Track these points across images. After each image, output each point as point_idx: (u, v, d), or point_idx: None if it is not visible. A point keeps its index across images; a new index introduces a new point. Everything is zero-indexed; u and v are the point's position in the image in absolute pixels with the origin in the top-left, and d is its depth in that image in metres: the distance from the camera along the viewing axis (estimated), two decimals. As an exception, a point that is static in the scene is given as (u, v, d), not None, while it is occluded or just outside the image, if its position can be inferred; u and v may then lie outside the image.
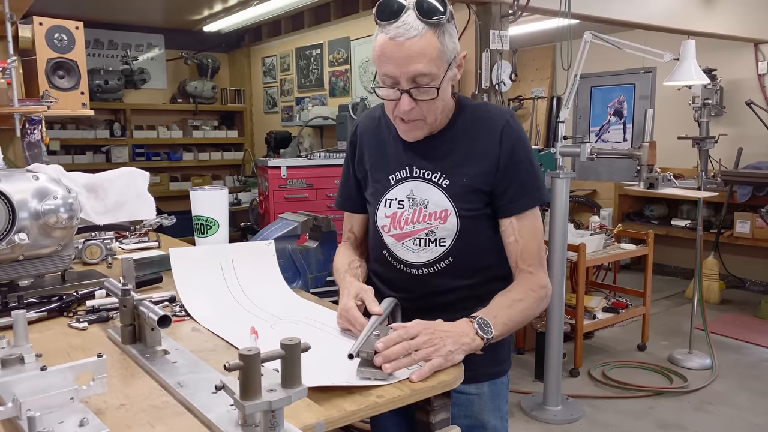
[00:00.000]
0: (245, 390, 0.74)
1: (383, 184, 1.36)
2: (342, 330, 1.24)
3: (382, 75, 1.19)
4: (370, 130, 1.42)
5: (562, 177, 3.02)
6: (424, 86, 1.17)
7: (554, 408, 3.20)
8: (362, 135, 1.43)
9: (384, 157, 1.37)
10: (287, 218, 1.65)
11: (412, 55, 1.13)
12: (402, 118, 1.23)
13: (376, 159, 1.39)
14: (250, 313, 1.36)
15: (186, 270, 1.43)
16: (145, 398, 0.93)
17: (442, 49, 1.16)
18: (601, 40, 2.76)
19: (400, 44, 1.13)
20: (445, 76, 1.18)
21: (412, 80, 1.16)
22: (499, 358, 1.39)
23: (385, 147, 1.37)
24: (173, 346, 1.12)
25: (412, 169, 1.32)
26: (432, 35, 1.14)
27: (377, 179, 1.38)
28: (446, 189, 1.28)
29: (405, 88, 1.17)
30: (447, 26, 1.16)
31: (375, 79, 1.24)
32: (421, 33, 1.13)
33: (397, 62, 1.14)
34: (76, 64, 2.51)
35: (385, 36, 1.15)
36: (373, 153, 1.40)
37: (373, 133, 1.41)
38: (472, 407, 1.36)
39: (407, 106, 1.18)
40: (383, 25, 1.15)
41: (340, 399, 0.92)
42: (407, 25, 1.13)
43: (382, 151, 1.38)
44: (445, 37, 1.16)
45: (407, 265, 1.35)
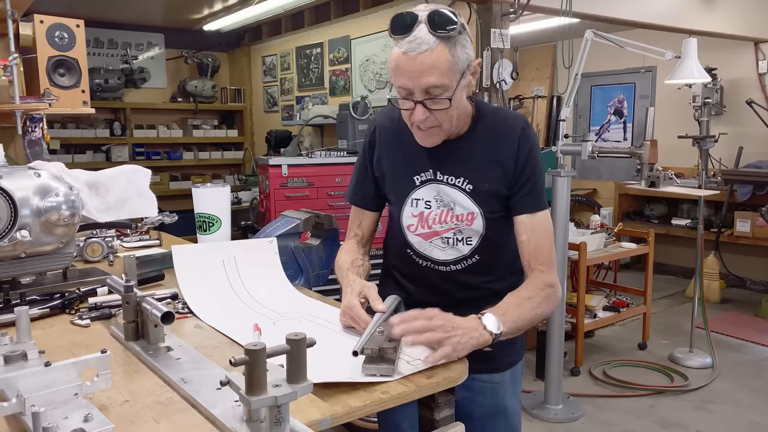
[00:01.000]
0: (251, 385, 0.74)
1: (408, 184, 1.39)
2: (345, 327, 1.24)
3: (397, 86, 1.24)
4: (389, 130, 1.44)
5: (563, 175, 3.02)
6: (437, 97, 1.21)
7: (555, 407, 3.20)
8: (381, 134, 1.45)
9: (406, 158, 1.40)
10: (289, 216, 1.65)
11: (424, 68, 1.18)
12: (418, 125, 1.28)
13: (398, 159, 1.42)
14: (253, 310, 1.36)
15: (188, 267, 1.42)
16: (149, 394, 0.93)
17: (454, 61, 1.19)
18: (603, 39, 2.76)
19: (412, 58, 1.17)
20: (458, 86, 1.22)
21: (426, 92, 1.21)
22: (517, 347, 1.49)
23: (407, 148, 1.39)
24: (176, 343, 1.12)
25: (436, 173, 1.37)
26: (443, 48, 1.18)
27: (401, 179, 1.41)
28: (470, 194, 1.34)
29: (419, 99, 1.22)
30: (459, 38, 1.20)
31: (391, 88, 1.29)
32: (433, 47, 1.17)
33: (410, 75, 1.19)
34: (77, 62, 2.50)
35: (399, 50, 1.19)
36: (396, 153, 1.42)
37: (394, 133, 1.43)
38: (497, 395, 1.45)
39: (421, 116, 1.23)
40: (397, 39, 1.20)
41: (345, 395, 0.92)
42: (419, 40, 1.17)
43: (404, 151, 1.40)
44: (456, 49, 1.20)
45: (434, 262, 1.41)
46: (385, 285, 1.54)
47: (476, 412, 1.44)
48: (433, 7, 1.20)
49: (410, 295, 1.46)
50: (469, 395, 1.42)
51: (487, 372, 1.43)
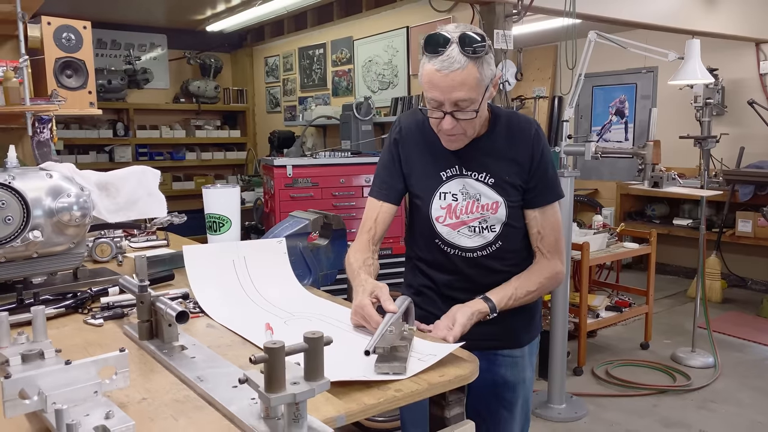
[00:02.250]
0: (270, 383, 0.75)
1: (435, 180, 1.52)
2: (355, 326, 1.25)
3: (429, 99, 1.38)
4: (414, 131, 1.56)
5: (566, 176, 3.03)
6: (465, 109, 1.36)
7: (558, 406, 3.21)
8: (407, 134, 1.57)
9: (432, 156, 1.53)
10: (298, 216, 1.66)
11: (455, 85, 1.32)
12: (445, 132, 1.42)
13: (426, 157, 1.54)
14: (264, 309, 1.37)
15: (199, 267, 1.44)
16: (166, 392, 0.95)
17: (481, 78, 1.34)
18: (606, 40, 2.77)
19: (445, 75, 1.32)
20: (483, 99, 1.37)
21: (455, 104, 1.36)
22: (535, 322, 1.66)
23: (433, 146, 1.52)
24: (190, 342, 1.13)
25: (461, 168, 1.50)
26: (473, 67, 1.32)
27: (429, 175, 1.53)
28: (493, 186, 1.49)
29: (448, 110, 1.37)
30: (486, 57, 1.34)
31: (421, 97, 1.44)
32: (464, 66, 1.31)
33: (442, 90, 1.34)
34: (84, 63, 2.52)
35: (432, 67, 1.33)
36: (423, 151, 1.54)
37: (419, 133, 1.55)
38: (517, 367, 1.61)
39: (449, 126, 1.38)
40: (430, 56, 1.33)
41: (359, 393, 0.94)
42: (451, 59, 1.31)
43: (430, 149, 1.53)
44: (483, 67, 1.34)
45: (461, 249, 1.54)
46: (410, 276, 1.68)
47: (498, 382, 1.60)
48: (463, 28, 1.34)
49: (436, 283, 1.60)
50: (493, 368, 1.59)
51: (509, 348, 1.60)
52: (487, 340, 1.50)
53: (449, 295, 1.56)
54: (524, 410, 1.63)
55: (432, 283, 1.60)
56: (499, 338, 1.56)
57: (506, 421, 1.61)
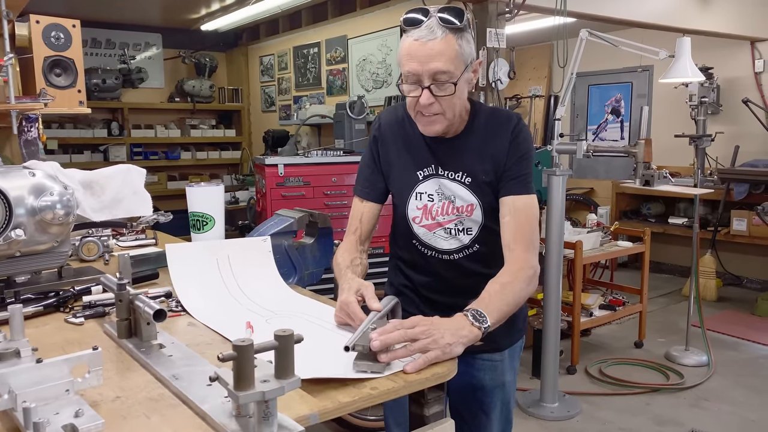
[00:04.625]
0: (239, 380, 0.75)
1: (413, 179, 1.49)
2: (338, 324, 1.25)
3: (406, 72, 1.32)
4: (393, 127, 1.53)
5: (558, 174, 3.03)
6: (443, 83, 1.30)
7: (551, 405, 3.21)
8: (386, 130, 1.54)
9: (410, 154, 1.49)
10: (283, 215, 1.66)
11: (433, 54, 1.28)
12: (422, 112, 1.36)
13: (403, 154, 1.51)
14: (246, 308, 1.37)
15: (182, 265, 1.43)
16: (140, 390, 0.94)
17: (460, 51, 1.30)
18: (597, 38, 2.77)
19: (423, 44, 1.28)
20: (461, 76, 1.32)
21: (432, 77, 1.30)
22: (517, 327, 1.60)
23: (411, 144, 1.49)
24: (169, 340, 1.13)
25: (437, 168, 1.46)
26: (452, 38, 1.29)
27: (406, 174, 1.50)
28: (470, 186, 1.44)
29: (426, 84, 1.31)
30: (465, 33, 1.32)
31: (400, 77, 1.36)
32: (442, 36, 1.28)
33: (420, 60, 1.29)
34: (73, 62, 2.51)
35: (410, 38, 1.30)
36: (400, 148, 1.51)
37: (398, 130, 1.52)
38: (496, 371, 1.57)
39: (427, 101, 1.32)
40: (409, 29, 1.30)
41: (334, 391, 0.93)
42: (430, 28, 1.28)
43: (408, 147, 1.50)
44: (462, 41, 1.31)
45: (438, 251, 1.51)
46: (392, 274, 1.66)
47: (476, 386, 1.57)
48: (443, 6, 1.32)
49: (414, 284, 1.58)
50: (471, 371, 1.55)
51: (488, 352, 1.55)
52: None
53: (427, 296, 1.55)
54: (504, 414, 1.61)
55: (410, 283, 1.59)
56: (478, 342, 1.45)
57: (484, 425, 1.59)
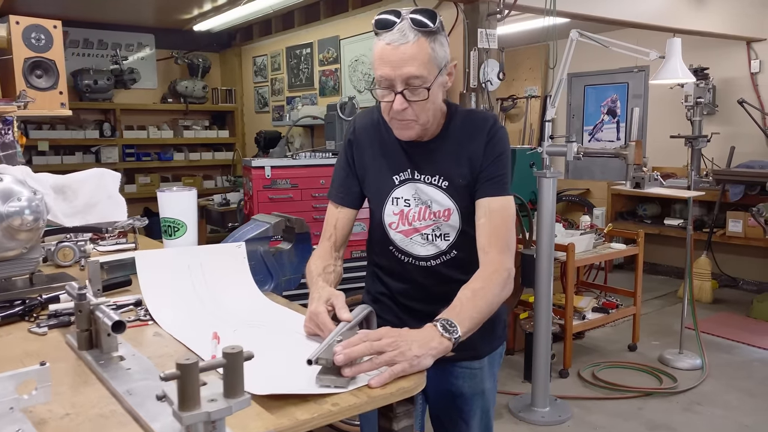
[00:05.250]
0: (183, 400, 0.71)
1: (388, 184, 1.46)
2: (308, 335, 1.21)
3: (378, 77, 1.30)
4: (368, 130, 1.49)
5: (548, 176, 2.99)
6: (416, 87, 1.28)
7: (542, 409, 3.17)
8: (361, 134, 1.50)
9: (386, 158, 1.46)
10: (260, 219, 1.62)
11: (406, 58, 1.25)
12: (396, 117, 1.33)
13: (378, 159, 1.47)
14: (216, 317, 1.33)
15: (152, 273, 1.40)
16: (92, 407, 0.91)
17: (433, 55, 1.27)
18: (587, 39, 2.74)
19: (395, 48, 1.25)
20: (435, 81, 1.29)
21: (406, 82, 1.27)
22: (496, 334, 1.58)
23: (386, 148, 1.45)
24: (130, 353, 1.09)
25: (414, 172, 1.43)
26: (424, 42, 1.26)
27: (382, 178, 1.47)
28: (446, 190, 1.41)
29: (399, 89, 1.28)
30: (438, 36, 1.28)
31: (373, 81, 1.34)
32: (414, 40, 1.25)
33: (392, 65, 1.26)
34: (54, 63, 2.47)
35: (382, 42, 1.27)
36: (376, 153, 1.47)
37: (373, 133, 1.48)
38: (475, 379, 1.55)
39: (400, 106, 1.29)
40: (381, 33, 1.27)
41: (293, 407, 0.90)
42: (402, 32, 1.25)
43: (383, 151, 1.46)
44: (435, 44, 1.27)
45: (415, 258, 1.48)
46: (369, 281, 1.63)
47: (455, 393, 1.55)
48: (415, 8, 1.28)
49: (391, 291, 1.55)
50: (450, 379, 1.54)
51: (467, 359, 1.53)
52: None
53: (405, 303, 1.52)
54: (484, 422, 1.58)
55: (388, 290, 1.55)
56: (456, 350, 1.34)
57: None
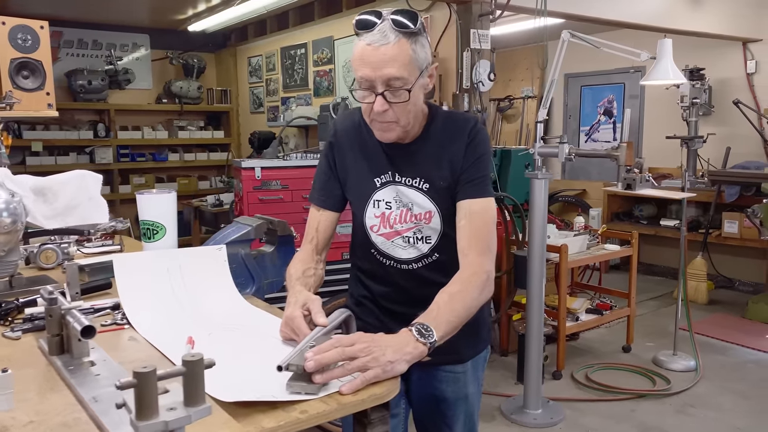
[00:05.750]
0: (140, 409, 0.70)
1: (370, 186, 1.44)
2: (284, 339, 1.20)
3: (359, 78, 1.28)
4: (349, 133, 1.48)
5: (540, 177, 2.98)
6: (397, 89, 1.26)
7: (534, 411, 3.16)
8: (342, 137, 1.49)
9: (367, 160, 1.45)
10: (241, 222, 1.60)
11: (386, 59, 1.24)
12: (377, 119, 1.32)
13: (359, 161, 1.46)
14: (194, 321, 1.31)
15: (130, 276, 1.38)
16: (57, 414, 0.89)
17: (414, 56, 1.26)
18: (578, 40, 2.72)
19: (375, 49, 1.24)
20: (416, 82, 1.28)
21: (386, 83, 1.26)
22: (480, 337, 1.56)
23: (368, 150, 1.44)
24: (101, 358, 1.08)
25: (395, 175, 1.42)
26: (405, 43, 1.24)
27: (363, 181, 1.45)
28: (427, 192, 1.40)
29: (379, 90, 1.27)
30: (419, 37, 1.27)
31: (354, 82, 1.33)
32: (395, 41, 1.23)
33: (372, 66, 1.24)
34: (41, 64, 2.46)
35: (363, 42, 1.26)
36: (357, 155, 1.46)
37: (354, 136, 1.47)
38: (458, 383, 1.54)
39: (381, 108, 1.28)
40: (362, 34, 1.26)
41: (261, 414, 0.88)
42: (383, 32, 1.24)
43: (365, 153, 1.45)
44: (416, 46, 1.26)
45: (397, 261, 1.46)
46: (352, 285, 1.62)
47: (439, 398, 1.54)
48: (396, 9, 1.27)
49: (373, 294, 1.53)
50: (433, 383, 1.53)
51: (450, 363, 1.52)
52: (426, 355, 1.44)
53: (387, 306, 1.51)
54: (468, 426, 1.57)
55: (370, 293, 1.54)
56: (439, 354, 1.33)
57: None
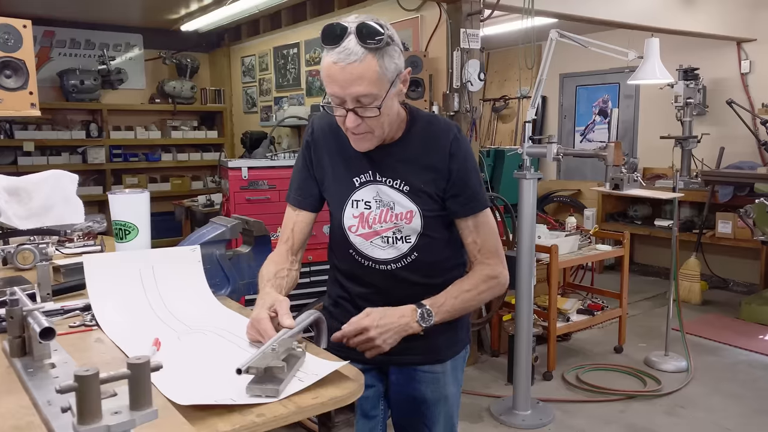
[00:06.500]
0: (82, 413, 0.68)
1: (348, 186, 1.43)
2: (251, 341, 1.19)
3: (329, 94, 1.28)
4: (327, 132, 1.47)
5: (528, 178, 2.96)
6: (367, 106, 1.26)
7: (523, 412, 3.15)
8: (320, 136, 1.48)
9: (346, 160, 1.44)
10: (217, 222, 1.59)
11: (354, 78, 1.22)
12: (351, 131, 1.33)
13: (338, 161, 1.45)
14: (164, 323, 1.30)
15: (101, 277, 1.37)
16: (10, 417, 0.88)
17: (382, 71, 1.24)
18: (566, 39, 2.71)
19: (342, 68, 1.22)
20: (387, 95, 1.27)
21: (356, 100, 1.25)
22: (459, 337, 1.56)
23: (346, 150, 1.42)
24: (62, 360, 1.06)
25: (375, 174, 1.41)
26: (372, 59, 1.22)
27: (341, 181, 1.44)
28: (408, 194, 1.40)
29: (350, 107, 1.27)
30: (387, 49, 1.24)
31: (326, 95, 1.32)
32: (361, 58, 1.21)
33: (340, 84, 1.24)
34: (24, 63, 2.44)
35: (329, 59, 1.23)
36: (335, 155, 1.45)
37: (332, 135, 1.45)
38: (438, 383, 1.53)
39: (352, 123, 1.29)
40: (328, 48, 1.23)
41: (216, 418, 0.87)
42: (348, 51, 1.21)
43: (343, 153, 1.44)
44: (384, 60, 1.24)
45: (375, 261, 1.45)
46: (330, 285, 1.61)
47: (418, 399, 1.53)
48: (363, 18, 1.24)
49: (351, 295, 1.52)
50: (412, 384, 1.52)
51: (429, 363, 1.52)
52: (405, 355, 1.45)
53: (364, 307, 1.48)
54: (447, 427, 1.56)
55: (347, 294, 1.53)
56: (418, 354, 1.48)
57: None
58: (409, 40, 4.18)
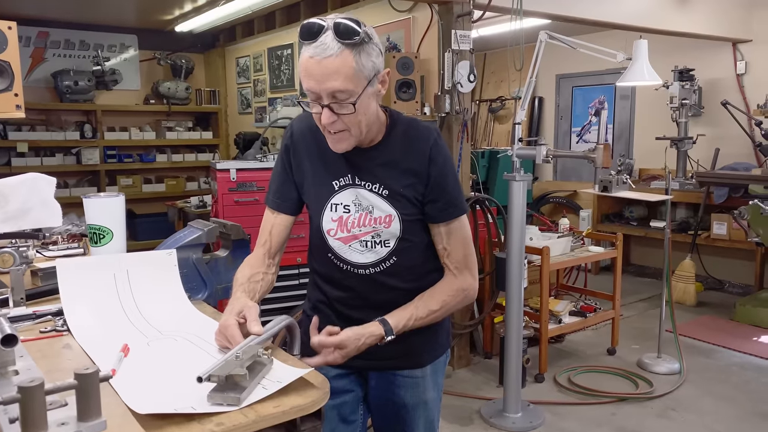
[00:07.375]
0: (25, 425, 0.67)
1: (327, 189, 1.42)
2: (220, 347, 1.18)
3: (305, 89, 1.28)
4: (307, 135, 1.46)
5: (518, 180, 2.95)
6: (343, 101, 1.25)
7: (514, 415, 3.13)
8: (299, 139, 1.47)
9: (325, 163, 1.43)
10: (194, 226, 1.58)
11: (329, 73, 1.22)
12: (328, 129, 1.31)
13: (317, 164, 1.44)
14: (136, 328, 1.29)
15: (74, 282, 1.36)
16: (-35, 427, 0.86)
17: (358, 68, 1.24)
18: (555, 40, 2.70)
19: (318, 62, 1.22)
20: (363, 93, 1.26)
21: (332, 96, 1.25)
22: (439, 342, 1.56)
23: (325, 153, 1.41)
24: (26, 367, 1.05)
25: (354, 177, 1.41)
26: (348, 54, 1.22)
27: (320, 184, 1.43)
28: (387, 198, 1.39)
29: (325, 102, 1.26)
30: (364, 46, 1.24)
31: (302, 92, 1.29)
32: (337, 53, 1.21)
33: (316, 79, 1.23)
34: (9, 65, 2.42)
35: (306, 54, 1.24)
36: (314, 158, 1.44)
37: (312, 138, 1.44)
38: (418, 388, 1.53)
39: (328, 119, 1.27)
40: (305, 44, 1.24)
41: (175, 426, 0.86)
42: (325, 45, 1.21)
43: (322, 156, 1.43)
44: (361, 56, 1.24)
45: (354, 265, 1.44)
46: (310, 289, 1.60)
47: (398, 403, 1.53)
48: (341, 16, 1.25)
49: (329, 299, 1.51)
50: (392, 388, 1.52)
51: (408, 368, 1.52)
52: (385, 359, 1.44)
53: (342, 311, 1.49)
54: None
55: (326, 298, 1.51)
56: (398, 358, 1.48)
57: None
58: (400, 42, 4.17)
